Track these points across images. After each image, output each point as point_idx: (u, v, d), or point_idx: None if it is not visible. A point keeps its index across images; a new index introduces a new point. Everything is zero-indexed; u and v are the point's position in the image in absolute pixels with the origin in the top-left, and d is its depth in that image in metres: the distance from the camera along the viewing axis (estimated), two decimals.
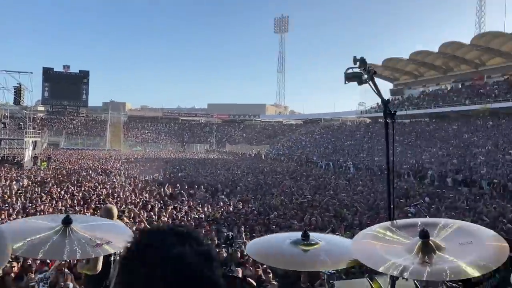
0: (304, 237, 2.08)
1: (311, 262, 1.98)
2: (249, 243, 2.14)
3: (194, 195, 20.01)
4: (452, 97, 52.20)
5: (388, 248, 1.83)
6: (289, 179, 28.92)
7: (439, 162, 36.37)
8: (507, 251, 1.64)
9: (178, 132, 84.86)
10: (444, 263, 1.68)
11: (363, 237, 1.97)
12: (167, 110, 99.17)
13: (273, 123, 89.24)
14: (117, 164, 40.20)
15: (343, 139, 58.69)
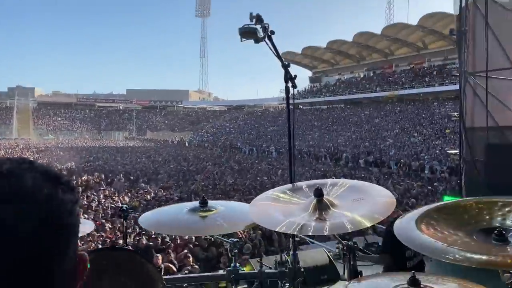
0: (202, 204, 1.99)
1: (207, 227, 1.90)
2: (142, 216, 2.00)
3: (111, 184, 19.12)
4: (365, 84, 55.63)
5: (285, 209, 1.81)
6: (212, 165, 28.83)
7: (353, 145, 38.74)
8: (394, 204, 1.71)
9: (95, 119, 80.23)
10: (341, 218, 1.71)
11: (260, 199, 1.94)
12: (82, 96, 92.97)
13: (196, 110, 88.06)
14: (26, 153, 36.95)
15: (266, 125, 59.87)
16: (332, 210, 1.73)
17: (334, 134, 45.87)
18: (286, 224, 1.77)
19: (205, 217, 1.94)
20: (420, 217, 1.45)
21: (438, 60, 48.98)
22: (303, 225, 1.73)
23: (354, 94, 55.16)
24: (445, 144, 31.07)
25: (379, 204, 1.72)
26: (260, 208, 1.85)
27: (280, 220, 1.75)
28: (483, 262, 1.09)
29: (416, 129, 38.84)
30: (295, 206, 1.82)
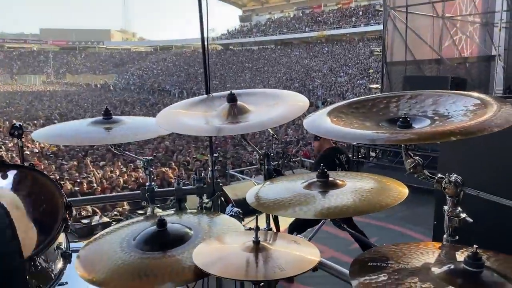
0: (106, 116, 1.82)
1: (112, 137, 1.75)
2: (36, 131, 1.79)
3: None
4: (295, 24, 55.51)
5: (197, 115, 1.71)
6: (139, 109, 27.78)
7: (284, 86, 39.24)
8: (306, 106, 1.68)
9: (5, 62, 72.36)
10: (256, 119, 1.66)
11: (170, 108, 1.82)
12: None
13: (120, 51, 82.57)
14: None
15: (196, 67, 58.18)
16: (246, 114, 1.67)
17: (265, 75, 45.98)
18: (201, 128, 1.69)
19: (110, 128, 1.78)
20: (330, 111, 1.42)
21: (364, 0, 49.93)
22: (220, 128, 1.66)
23: (284, 34, 54.96)
24: (368, 83, 32.61)
25: (293, 107, 1.68)
26: (169, 116, 1.73)
27: (194, 125, 1.66)
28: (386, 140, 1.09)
29: (343, 69, 40.13)
30: (208, 114, 1.72)
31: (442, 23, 10.79)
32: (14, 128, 1.84)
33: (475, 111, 1.19)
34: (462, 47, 10.97)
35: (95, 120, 1.84)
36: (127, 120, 1.87)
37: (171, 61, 64.67)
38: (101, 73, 68.28)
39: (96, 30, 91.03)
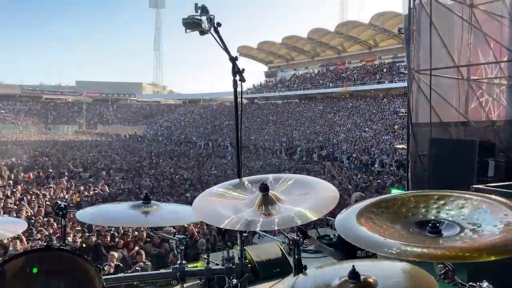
0: (145, 201, 1.93)
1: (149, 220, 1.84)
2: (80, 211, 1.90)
3: (59, 179, 18.30)
4: (319, 80, 56.79)
5: (230, 205, 1.79)
6: (166, 160, 28.33)
7: (307, 139, 39.50)
8: (337, 198, 1.73)
9: (41, 112, 76.17)
10: (287, 212, 1.70)
11: (204, 195, 1.90)
12: (27, 87, 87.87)
13: (150, 103, 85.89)
14: None
15: (222, 119, 59.60)
16: (278, 205, 1.73)
17: (289, 129, 46.52)
18: (232, 220, 1.74)
19: (147, 212, 1.88)
20: (360, 211, 1.47)
21: (388, 58, 50.92)
22: (250, 221, 1.71)
23: (308, 89, 56.16)
24: (394, 139, 32.44)
25: (324, 198, 1.74)
26: (204, 204, 1.81)
27: (225, 216, 1.72)
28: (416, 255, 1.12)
29: (367, 124, 40.23)
30: (240, 202, 1.80)
31: (468, 85, 10.85)
32: (59, 208, 1.96)
33: (508, 225, 1.22)
34: (489, 109, 10.92)
35: (135, 204, 1.95)
36: (164, 205, 1.97)
37: (198, 114, 66.56)
38: (131, 124, 70.72)
39: (129, 83, 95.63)
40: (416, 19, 10.68)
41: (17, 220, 2.30)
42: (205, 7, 1.83)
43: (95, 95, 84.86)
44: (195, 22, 1.79)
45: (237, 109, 2.22)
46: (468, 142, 8.81)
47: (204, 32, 1.86)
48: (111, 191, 15.31)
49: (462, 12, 10.21)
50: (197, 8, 1.84)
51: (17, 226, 1.93)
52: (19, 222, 2.10)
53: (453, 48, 10.49)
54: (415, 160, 9.88)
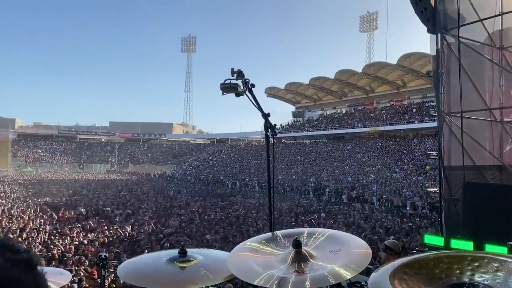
0: (181, 253, 1.99)
1: (190, 279, 1.89)
2: (120, 265, 1.98)
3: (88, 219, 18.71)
4: (347, 120, 56.72)
5: (263, 260, 1.83)
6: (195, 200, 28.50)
7: (336, 180, 38.98)
8: (369, 256, 1.74)
9: (76, 152, 79.04)
10: (320, 270, 1.72)
11: (238, 250, 1.95)
12: (63, 127, 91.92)
13: (180, 143, 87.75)
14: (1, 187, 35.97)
15: (249, 159, 59.95)
16: (311, 262, 1.76)
17: (317, 169, 46.16)
18: (265, 277, 1.77)
19: (184, 267, 1.93)
20: (393, 272, 1.48)
21: (417, 98, 50.55)
22: (282, 279, 1.73)
23: (336, 129, 56.05)
24: (426, 181, 31.56)
25: (356, 256, 1.76)
26: (238, 259, 1.86)
27: (258, 272, 1.76)
28: None
29: (398, 165, 39.46)
30: (273, 258, 1.84)
31: (501, 127, 10.61)
32: (99, 259, 2.06)
33: None
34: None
35: (171, 258, 2.01)
36: (200, 257, 2.02)
37: (226, 153, 67.31)
38: (161, 163, 72.12)
39: (160, 123, 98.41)
40: (444, 61, 10.68)
41: (60, 271, 2.39)
42: (241, 72, 1.97)
43: (127, 135, 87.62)
44: (232, 86, 1.92)
45: (269, 162, 2.30)
46: (505, 187, 8.51)
47: (240, 94, 1.99)
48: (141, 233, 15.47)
49: (492, 54, 10.17)
50: (233, 72, 1.98)
51: (61, 277, 2.02)
52: (63, 273, 2.19)
53: (484, 90, 10.37)
54: (449, 205, 9.59)
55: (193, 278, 1.86)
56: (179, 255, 1.99)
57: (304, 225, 12.36)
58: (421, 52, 43.29)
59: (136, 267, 2.05)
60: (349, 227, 16.84)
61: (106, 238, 13.93)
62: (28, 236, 13.19)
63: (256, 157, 60.08)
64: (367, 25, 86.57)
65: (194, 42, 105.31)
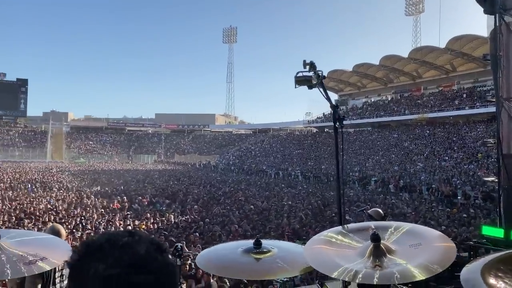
0: (256, 245, 2.02)
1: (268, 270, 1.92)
2: (199, 255, 2.05)
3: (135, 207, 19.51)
4: (392, 107, 55.00)
5: (340, 253, 1.82)
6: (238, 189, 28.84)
7: (382, 169, 38.04)
8: (454, 251, 1.68)
9: (124, 143, 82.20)
10: (394, 266, 1.69)
11: (314, 242, 1.95)
12: (112, 120, 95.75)
13: (222, 133, 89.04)
14: (58, 177, 38.13)
15: (291, 148, 59.77)
16: (389, 257, 1.73)
17: (361, 158, 45.25)
18: (342, 270, 1.77)
19: (259, 259, 1.96)
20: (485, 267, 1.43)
21: (468, 82, 48.08)
22: (355, 272, 1.72)
23: (382, 117, 54.55)
24: (478, 169, 30.10)
25: (438, 252, 1.70)
26: (315, 251, 1.86)
27: (336, 265, 1.76)
28: None
29: (447, 153, 37.88)
30: (350, 251, 1.83)
31: None
32: (175, 249, 2.13)
33: None
34: None
35: (246, 249, 2.05)
36: (275, 249, 2.05)
37: (268, 143, 67.46)
38: (205, 154, 73.57)
39: (203, 114, 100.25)
40: (503, 43, 10.05)
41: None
42: (313, 63, 1.95)
43: (172, 127, 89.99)
44: (306, 79, 1.90)
45: (338, 155, 2.27)
46: None
47: (312, 87, 1.97)
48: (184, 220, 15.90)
49: None
50: (305, 64, 1.96)
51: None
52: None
53: None
54: (508, 194, 9.11)
55: (271, 269, 1.89)
56: (254, 246, 2.02)
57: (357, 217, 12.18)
58: (472, 34, 40.96)
59: (213, 257, 2.11)
60: (396, 217, 16.43)
61: (153, 225, 14.42)
62: (92, 225, 13.87)
63: (298, 146, 59.79)
64: (412, 8, 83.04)
65: (235, 33, 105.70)
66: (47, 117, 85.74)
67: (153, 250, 0.81)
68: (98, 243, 0.80)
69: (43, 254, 1.67)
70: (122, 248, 0.78)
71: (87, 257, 0.78)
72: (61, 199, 21.29)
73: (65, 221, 13.77)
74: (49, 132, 76.37)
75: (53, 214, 15.48)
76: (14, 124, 78.53)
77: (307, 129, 71.20)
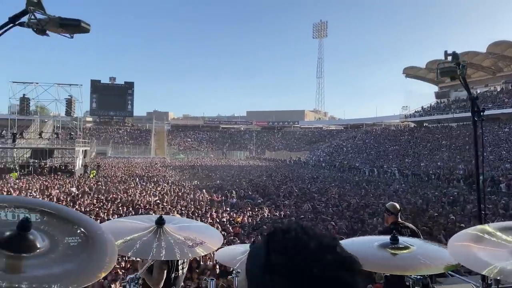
0: (392, 240, 2.00)
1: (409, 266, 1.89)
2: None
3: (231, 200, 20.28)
4: (503, 98, 49.68)
5: (489, 251, 1.72)
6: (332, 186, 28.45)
7: (491, 167, 34.61)
8: None
9: (219, 140, 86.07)
10: None
11: (459, 239, 1.87)
12: (208, 118, 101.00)
13: (312, 129, 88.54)
14: (162, 171, 41.30)
15: (386, 144, 57.23)
16: None
17: (466, 154, 41.62)
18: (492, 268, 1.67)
19: (395, 254, 1.94)
20: None
21: None
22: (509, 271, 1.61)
23: (489, 109, 49.62)
24: None
25: None
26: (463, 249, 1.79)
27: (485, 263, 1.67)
28: None
29: None
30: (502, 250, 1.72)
31: None
32: None
33: None
34: None
35: (383, 243, 2.04)
36: (414, 246, 2.01)
37: (361, 139, 65.39)
38: (295, 150, 73.90)
39: (292, 111, 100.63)
40: None
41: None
42: (456, 54, 1.87)
43: (263, 124, 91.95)
44: (452, 70, 1.83)
45: (477, 149, 2.14)
46: None
47: (456, 78, 1.89)
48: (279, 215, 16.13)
49: None
50: (447, 55, 1.89)
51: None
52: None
53: None
54: None
55: (412, 265, 1.86)
56: (390, 242, 2.00)
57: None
58: None
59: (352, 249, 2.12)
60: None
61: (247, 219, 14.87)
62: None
63: (394, 142, 57.00)
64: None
65: (325, 27, 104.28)
66: (151, 117, 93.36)
67: (342, 250, 0.82)
68: (303, 242, 0.79)
69: (201, 239, 1.84)
70: (328, 248, 0.80)
71: (296, 257, 0.77)
72: (166, 192, 23.00)
73: (171, 213, 14.87)
74: (152, 131, 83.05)
75: (161, 206, 16.79)
76: (123, 123, 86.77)
77: (403, 123, 67.58)
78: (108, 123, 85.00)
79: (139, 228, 2.02)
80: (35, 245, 1.26)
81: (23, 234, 1.26)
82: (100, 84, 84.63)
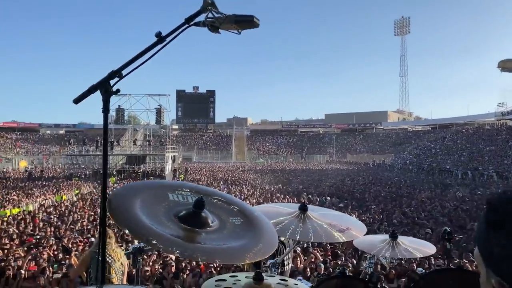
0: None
1: None
2: None
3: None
4: None
5: None
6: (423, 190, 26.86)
7: None
8: None
9: (297, 144, 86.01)
10: None
11: None
12: (285, 122, 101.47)
13: (396, 131, 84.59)
14: (244, 175, 42.36)
15: (481, 145, 52.73)
16: None
17: None
18: None
19: None
20: None
21: None
22: None
23: None
24: None
25: None
26: None
27: None
28: None
29: None
30: None
31: None
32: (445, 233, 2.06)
33: None
34: None
35: None
36: None
37: (451, 140, 61.04)
38: (378, 153, 71.16)
39: (374, 112, 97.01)
40: None
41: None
42: None
43: (342, 126, 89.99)
44: None
45: None
46: None
47: None
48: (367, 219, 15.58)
49: None
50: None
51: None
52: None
53: None
54: None
55: None
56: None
57: None
58: None
59: None
60: None
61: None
62: None
63: (489, 142, 52.30)
64: None
65: (408, 24, 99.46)
66: (231, 123, 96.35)
67: None
68: None
69: (346, 226, 1.86)
70: None
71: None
72: (250, 195, 23.52)
73: None
74: (233, 136, 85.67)
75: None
76: (206, 130, 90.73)
77: (500, 122, 61.78)
78: (192, 130, 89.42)
79: (284, 213, 2.10)
80: (207, 222, 1.34)
81: (198, 212, 1.35)
82: (185, 94, 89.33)
